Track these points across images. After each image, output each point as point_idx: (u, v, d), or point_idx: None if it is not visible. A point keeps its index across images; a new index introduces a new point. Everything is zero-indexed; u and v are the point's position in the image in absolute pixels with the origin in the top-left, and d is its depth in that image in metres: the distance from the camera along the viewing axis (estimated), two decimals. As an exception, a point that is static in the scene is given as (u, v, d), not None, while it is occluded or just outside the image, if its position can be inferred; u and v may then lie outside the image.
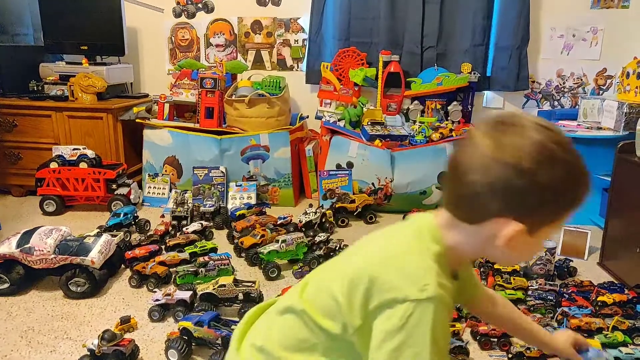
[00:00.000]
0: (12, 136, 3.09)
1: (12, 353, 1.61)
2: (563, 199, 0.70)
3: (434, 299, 0.67)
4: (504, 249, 0.72)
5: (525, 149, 0.67)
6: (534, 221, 0.70)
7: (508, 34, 3.21)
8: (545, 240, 0.78)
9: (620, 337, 1.67)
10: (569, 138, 0.72)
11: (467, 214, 0.74)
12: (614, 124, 2.68)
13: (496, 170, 0.68)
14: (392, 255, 0.75)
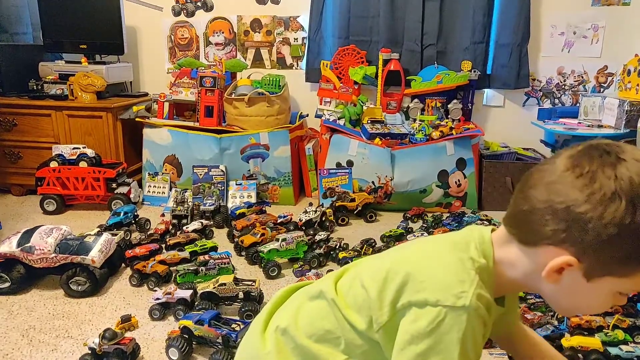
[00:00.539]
0: (11, 135, 3.08)
1: (14, 352, 1.61)
2: (635, 250, 0.59)
3: (469, 308, 0.64)
4: (550, 283, 0.65)
5: (605, 177, 0.59)
6: (594, 264, 0.61)
7: (508, 32, 3.20)
8: (614, 296, 0.65)
9: (621, 335, 1.67)
10: None
11: (522, 232, 0.68)
12: (615, 122, 2.67)
13: (563, 189, 0.61)
14: (434, 257, 0.71)
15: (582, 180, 0.60)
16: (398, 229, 2.55)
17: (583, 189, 0.60)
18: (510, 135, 3.37)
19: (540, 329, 1.66)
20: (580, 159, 0.63)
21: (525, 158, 3.15)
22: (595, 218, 0.59)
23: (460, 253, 0.71)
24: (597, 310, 0.69)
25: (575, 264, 0.62)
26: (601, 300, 0.66)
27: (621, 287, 0.63)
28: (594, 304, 0.67)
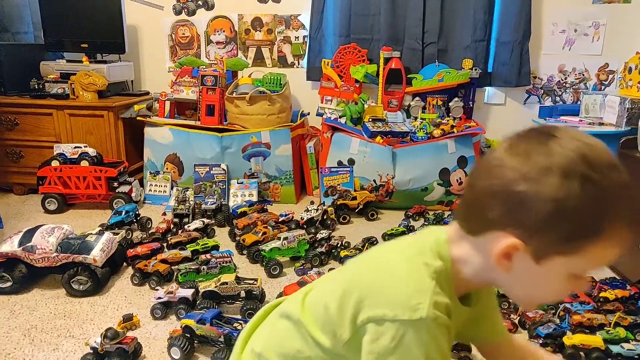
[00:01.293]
0: (13, 134, 3.09)
1: (15, 351, 1.61)
2: (580, 225, 0.58)
3: (427, 319, 0.62)
4: (503, 272, 0.64)
5: (540, 154, 0.59)
6: (540, 243, 0.60)
7: (509, 30, 3.20)
8: (569, 280, 0.63)
9: (623, 333, 1.67)
10: (611, 159, 0.60)
11: (470, 223, 0.68)
12: (616, 120, 2.67)
13: (501, 173, 0.61)
14: (388, 269, 0.70)
15: (517, 159, 0.61)
16: (399, 227, 2.55)
17: (519, 168, 0.60)
18: (512, 133, 3.36)
19: (542, 327, 1.66)
20: (517, 140, 0.64)
21: (527, 156, 3.14)
22: (532, 195, 0.58)
23: (415, 260, 0.69)
24: (555, 297, 0.67)
25: (521, 246, 0.61)
26: (556, 285, 0.64)
27: (573, 267, 0.62)
28: (550, 289, 0.65)
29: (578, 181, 0.57)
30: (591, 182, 0.57)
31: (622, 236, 0.60)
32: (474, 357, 1.61)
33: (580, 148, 0.58)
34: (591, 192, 0.57)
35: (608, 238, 0.59)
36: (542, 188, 0.58)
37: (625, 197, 0.59)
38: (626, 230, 0.60)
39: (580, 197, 0.57)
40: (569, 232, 0.58)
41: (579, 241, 0.59)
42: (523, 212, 0.59)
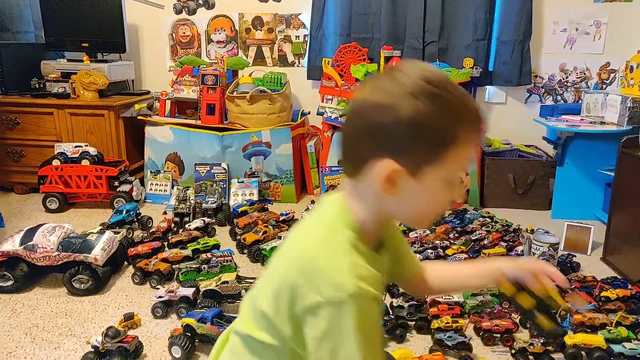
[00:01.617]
0: (14, 134, 3.09)
1: (17, 350, 1.62)
2: (437, 134, 0.66)
3: (354, 295, 0.64)
4: (391, 197, 0.69)
5: (389, 82, 0.67)
6: (410, 160, 0.67)
7: (510, 28, 3.19)
8: (447, 187, 0.70)
9: (624, 332, 1.67)
10: (448, 77, 0.69)
11: (351, 168, 0.73)
12: (618, 119, 2.66)
13: (361, 111, 0.69)
14: (308, 258, 0.70)
15: (371, 94, 0.68)
16: (400, 227, 2.55)
17: (374, 100, 0.67)
18: (512, 132, 3.36)
19: (543, 327, 1.66)
20: (369, 81, 0.72)
21: (528, 155, 3.14)
22: (391, 120, 0.65)
23: (329, 240, 0.71)
24: (440, 208, 0.73)
25: (397, 167, 0.67)
26: (437, 195, 0.70)
27: (445, 174, 0.68)
28: (433, 201, 0.71)
29: (425, 98, 0.64)
30: (437, 97, 0.65)
31: (474, 137, 0.69)
32: (475, 356, 1.61)
33: (420, 72, 0.66)
34: (439, 105, 0.65)
35: (463, 141, 0.67)
36: (397, 111, 0.65)
37: (467, 104, 0.68)
38: (475, 132, 0.69)
39: (432, 111, 0.64)
40: (431, 143, 0.66)
41: (441, 149, 0.66)
42: (388, 137, 0.66)
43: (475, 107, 0.69)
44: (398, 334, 1.68)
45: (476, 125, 0.69)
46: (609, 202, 2.37)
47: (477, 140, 0.69)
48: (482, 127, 0.70)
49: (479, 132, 0.69)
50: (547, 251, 2.13)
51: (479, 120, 0.69)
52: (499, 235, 2.46)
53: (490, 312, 1.78)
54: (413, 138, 0.66)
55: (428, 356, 1.53)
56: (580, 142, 2.77)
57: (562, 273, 2.23)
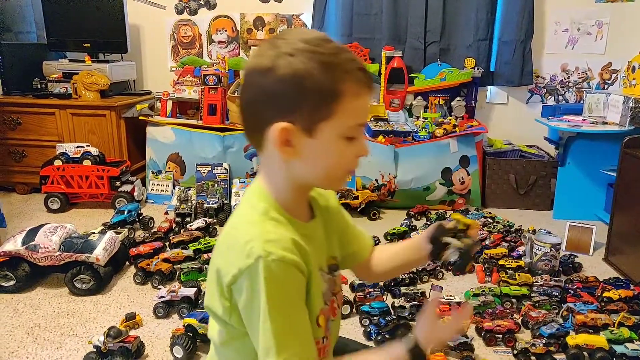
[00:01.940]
0: (16, 134, 3.09)
1: (19, 350, 1.62)
2: (320, 89, 0.66)
3: (261, 258, 0.65)
4: (293, 158, 0.70)
5: (270, 50, 0.68)
6: (301, 118, 0.68)
7: (512, 29, 3.19)
8: (344, 143, 0.70)
9: (627, 333, 1.66)
10: (325, 35, 0.70)
11: (252, 139, 0.74)
12: (620, 119, 2.66)
13: (248, 78, 0.71)
14: (224, 239, 0.74)
15: (255, 62, 0.70)
16: (401, 227, 2.55)
17: (258, 66, 0.69)
18: (514, 132, 3.36)
19: (545, 327, 1.66)
20: (254, 51, 0.79)
21: (529, 155, 3.13)
22: (275, 82, 0.66)
23: (246, 216, 0.74)
24: (346, 165, 0.73)
25: (289, 127, 0.68)
26: (339, 151, 0.70)
27: (339, 128, 0.69)
28: (336, 157, 0.71)
29: (302, 55, 0.66)
30: (313, 53, 0.66)
31: (360, 89, 0.69)
32: (477, 357, 1.61)
33: (298, 35, 0.69)
34: (317, 61, 0.66)
35: (350, 94, 0.68)
36: (276, 72, 0.66)
37: (347, 58, 0.68)
38: (360, 84, 0.69)
39: (310, 67, 0.66)
40: (316, 99, 0.67)
41: (330, 104, 0.67)
42: (276, 100, 0.68)
43: (355, 60, 0.69)
44: (400, 334, 1.68)
45: (360, 77, 0.69)
46: (611, 202, 2.37)
47: (365, 92, 0.70)
48: (367, 80, 0.71)
49: (364, 84, 0.70)
50: (549, 251, 2.13)
51: (361, 72, 0.69)
52: (500, 236, 2.46)
53: (492, 313, 1.78)
54: (297, 95, 0.67)
55: (430, 356, 1.53)
56: (582, 142, 2.77)
57: (564, 274, 2.24)
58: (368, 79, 0.71)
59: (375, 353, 0.82)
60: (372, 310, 1.77)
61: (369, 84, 0.72)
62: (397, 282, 2.02)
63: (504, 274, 2.06)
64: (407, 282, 2.03)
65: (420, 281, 2.09)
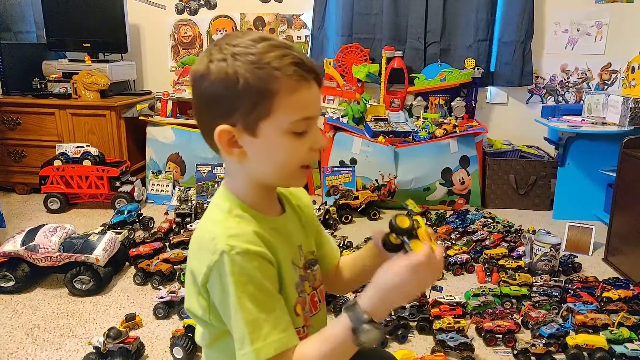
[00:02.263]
0: (15, 134, 3.09)
1: (18, 351, 1.62)
2: (254, 89, 0.67)
3: (225, 252, 0.67)
4: (243, 158, 0.72)
5: (205, 56, 0.70)
6: (241, 119, 0.69)
7: (512, 29, 3.19)
8: (290, 138, 0.71)
9: (626, 333, 1.66)
10: (259, 36, 0.70)
11: (208, 143, 0.75)
12: (619, 119, 2.66)
13: (192, 84, 0.73)
14: (194, 241, 0.75)
15: (195, 66, 0.72)
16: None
17: (196, 71, 0.71)
18: (514, 132, 3.36)
19: (545, 327, 1.66)
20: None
21: (529, 155, 3.14)
22: (209, 87, 0.69)
23: (210, 217, 0.75)
24: (297, 159, 0.72)
25: (230, 128, 0.70)
26: (285, 146, 0.70)
27: (281, 124, 0.69)
28: (284, 153, 0.71)
29: (233, 59, 0.67)
30: (243, 56, 0.67)
31: (297, 83, 0.68)
32: (477, 357, 1.61)
33: (232, 39, 0.70)
34: (247, 63, 0.67)
35: (285, 90, 0.67)
36: (211, 78, 0.68)
37: (276, 55, 0.68)
38: (295, 77, 0.68)
39: (242, 70, 0.67)
40: (252, 99, 0.68)
41: (266, 103, 0.68)
42: (212, 104, 0.70)
43: (288, 55, 0.68)
44: (400, 334, 1.68)
45: (294, 72, 0.68)
46: (611, 202, 2.37)
47: (304, 85, 0.69)
48: (305, 72, 0.69)
49: (301, 77, 0.69)
50: (548, 252, 2.13)
51: (295, 65, 0.68)
52: (500, 236, 2.46)
53: (492, 313, 1.78)
54: (231, 98, 0.68)
55: (430, 357, 1.53)
56: (581, 142, 2.77)
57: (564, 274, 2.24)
58: (306, 70, 0.69)
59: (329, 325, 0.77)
60: (372, 310, 1.77)
61: (307, 75, 0.69)
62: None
63: (504, 274, 2.06)
64: (407, 283, 2.02)
65: (420, 281, 2.09)
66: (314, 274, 0.84)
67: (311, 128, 0.72)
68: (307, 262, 0.83)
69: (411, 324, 1.76)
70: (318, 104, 0.73)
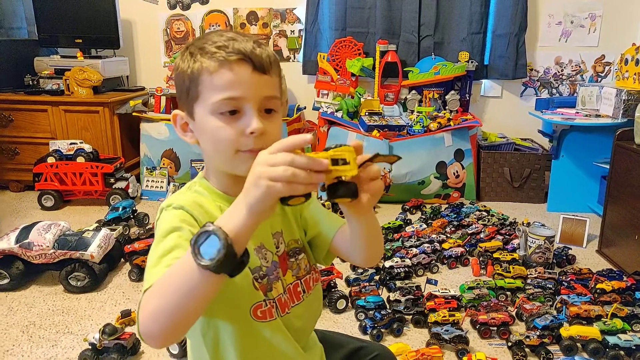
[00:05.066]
0: (8, 131, 3.07)
1: (14, 348, 1.61)
2: (185, 76, 0.74)
3: (163, 208, 0.74)
4: (193, 141, 0.78)
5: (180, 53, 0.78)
6: (184, 104, 0.77)
7: (506, 22, 3.19)
8: (218, 118, 0.72)
9: (620, 324, 1.68)
10: (215, 32, 0.76)
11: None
12: (613, 111, 2.67)
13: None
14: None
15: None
16: (397, 221, 2.56)
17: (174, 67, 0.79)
18: (508, 125, 3.37)
19: (539, 319, 1.67)
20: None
21: (523, 148, 3.14)
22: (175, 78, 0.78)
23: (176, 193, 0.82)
24: (229, 140, 0.72)
25: (178, 112, 0.78)
26: (214, 127, 0.73)
27: (206, 106, 0.73)
28: (215, 134, 0.73)
29: (182, 52, 0.77)
30: (188, 48, 0.76)
31: (218, 64, 0.72)
32: (471, 349, 1.62)
33: (197, 38, 0.78)
34: (188, 54, 0.75)
35: (206, 71, 0.72)
36: (173, 68, 0.82)
37: (208, 42, 0.73)
38: (216, 58, 0.72)
39: (184, 60, 0.75)
40: (186, 85, 0.74)
41: (195, 87, 0.73)
42: (176, 95, 0.79)
43: (218, 41, 0.73)
44: (395, 327, 1.69)
45: (217, 54, 0.72)
46: (604, 194, 2.38)
47: (225, 66, 0.71)
48: (227, 54, 0.72)
49: (223, 59, 0.71)
50: (543, 244, 2.14)
51: (221, 49, 0.72)
52: (495, 229, 2.47)
53: (486, 306, 1.79)
54: (178, 86, 0.77)
55: (425, 350, 1.54)
56: (575, 135, 2.78)
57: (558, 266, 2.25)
58: (229, 53, 0.72)
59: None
60: (367, 304, 1.78)
61: (228, 57, 0.71)
62: (392, 276, 2.03)
63: (498, 266, 2.07)
64: (402, 276, 2.03)
65: (416, 275, 2.10)
66: (298, 263, 0.84)
67: (243, 110, 0.72)
68: (290, 251, 0.83)
69: (406, 317, 1.77)
70: (246, 85, 0.72)
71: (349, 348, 0.96)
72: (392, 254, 2.20)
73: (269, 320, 0.77)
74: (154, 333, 0.61)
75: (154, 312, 0.60)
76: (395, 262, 2.07)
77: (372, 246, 0.82)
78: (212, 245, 0.56)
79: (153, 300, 0.61)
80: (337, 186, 0.64)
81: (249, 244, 0.72)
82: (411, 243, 2.31)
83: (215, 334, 0.76)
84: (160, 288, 0.61)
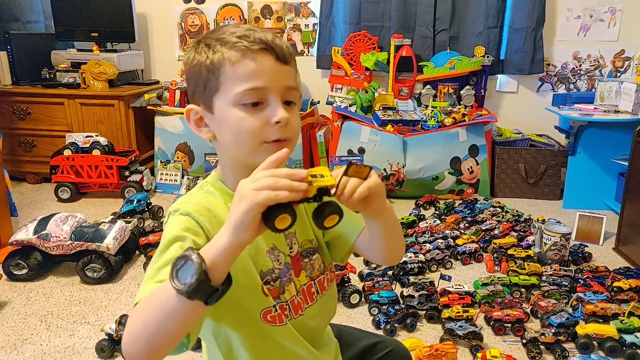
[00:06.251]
0: (26, 124, 3.11)
1: (33, 337, 1.64)
2: (203, 68, 0.72)
3: (171, 213, 0.72)
4: (212, 137, 0.75)
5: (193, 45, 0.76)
6: (200, 98, 0.74)
7: (523, 16, 3.14)
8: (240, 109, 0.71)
9: (637, 322, 1.65)
10: (229, 25, 0.75)
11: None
12: (632, 107, 2.63)
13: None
14: None
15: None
16: (410, 217, 2.55)
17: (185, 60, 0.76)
18: (524, 121, 3.33)
19: (555, 316, 1.66)
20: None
21: (539, 144, 3.11)
22: (186, 72, 0.75)
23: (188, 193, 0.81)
24: (252, 131, 0.71)
25: (193, 107, 0.75)
26: (235, 119, 0.71)
27: (228, 97, 0.71)
28: (236, 125, 0.71)
29: (196, 45, 0.74)
30: (202, 40, 0.73)
31: (240, 55, 0.70)
32: (485, 346, 1.61)
33: (206, 35, 0.75)
34: (203, 45, 0.72)
35: (228, 62, 0.70)
36: (184, 67, 0.75)
37: (226, 33, 0.72)
38: (237, 49, 0.70)
39: (200, 53, 0.72)
40: (204, 77, 0.72)
41: (215, 78, 0.71)
42: (188, 89, 0.76)
43: (236, 32, 0.71)
44: (409, 323, 1.69)
45: (237, 45, 0.70)
46: (622, 191, 2.34)
47: (248, 56, 0.70)
48: (249, 43, 0.70)
49: (245, 48, 0.70)
50: (558, 241, 2.12)
51: (242, 39, 0.70)
52: (509, 225, 2.45)
53: (501, 302, 1.78)
54: (192, 79, 0.74)
55: (439, 345, 1.53)
56: (593, 131, 2.74)
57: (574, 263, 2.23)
58: (251, 42, 0.70)
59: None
60: (381, 299, 1.78)
61: (251, 46, 0.70)
62: (406, 271, 2.02)
63: (513, 263, 2.06)
64: (416, 272, 2.03)
65: (429, 270, 2.10)
66: (312, 264, 0.82)
67: (267, 101, 0.71)
68: (304, 251, 0.82)
69: (420, 312, 1.76)
70: (270, 75, 0.71)
71: (364, 343, 0.96)
72: (406, 249, 2.20)
73: (280, 325, 0.76)
74: (132, 354, 0.61)
75: (134, 331, 0.61)
76: (409, 257, 2.06)
77: (393, 245, 0.81)
78: (188, 270, 0.55)
79: (136, 318, 0.61)
80: (321, 208, 0.63)
81: (261, 246, 0.73)
82: (425, 239, 2.30)
83: (227, 337, 0.76)
84: (143, 307, 0.61)
